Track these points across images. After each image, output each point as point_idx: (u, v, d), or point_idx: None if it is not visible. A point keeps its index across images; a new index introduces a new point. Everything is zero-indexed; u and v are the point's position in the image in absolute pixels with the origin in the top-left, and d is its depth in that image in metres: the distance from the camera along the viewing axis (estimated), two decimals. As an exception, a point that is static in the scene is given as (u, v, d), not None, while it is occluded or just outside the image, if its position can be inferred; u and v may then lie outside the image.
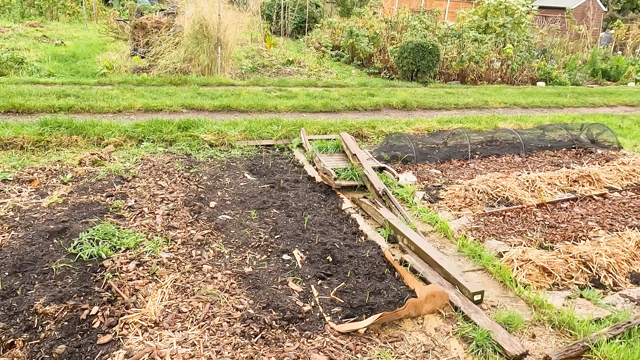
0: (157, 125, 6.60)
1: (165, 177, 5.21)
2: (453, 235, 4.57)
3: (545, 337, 3.25)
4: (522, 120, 8.74)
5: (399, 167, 6.27)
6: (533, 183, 5.69)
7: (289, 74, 11.96)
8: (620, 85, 14.85)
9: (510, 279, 3.84)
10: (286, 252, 4.01)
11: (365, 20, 16.48)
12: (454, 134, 7.35)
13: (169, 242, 3.91)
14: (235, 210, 4.67)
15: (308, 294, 3.47)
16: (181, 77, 9.71)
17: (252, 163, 6.02)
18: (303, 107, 8.48)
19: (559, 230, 4.81)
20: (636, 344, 3.14)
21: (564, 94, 11.87)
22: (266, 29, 16.73)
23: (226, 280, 3.52)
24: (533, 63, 14.13)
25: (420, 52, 11.71)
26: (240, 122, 7.10)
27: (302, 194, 5.19)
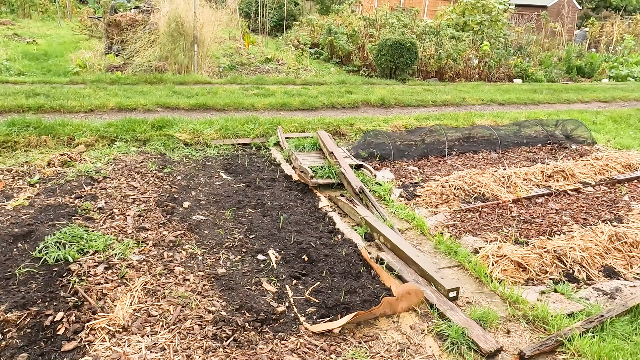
0: (131, 124, 6.45)
1: (137, 177, 5.09)
2: (430, 232, 4.56)
3: (519, 332, 3.26)
4: (498, 116, 8.82)
5: (376, 164, 6.25)
6: (509, 179, 5.73)
7: (267, 72, 11.86)
8: (594, 82, 15.12)
9: (485, 274, 3.85)
10: (261, 252, 3.95)
11: (344, 18, 16.47)
12: (431, 130, 7.37)
13: (139, 244, 3.81)
14: (210, 210, 4.58)
15: (282, 295, 3.42)
16: (156, 76, 9.54)
17: (228, 162, 5.93)
18: (281, 105, 8.40)
19: (534, 225, 4.85)
20: (609, 338, 3.16)
21: (540, 90, 12.03)
22: (244, 27, 16.59)
23: (198, 282, 3.44)
24: (510, 60, 14.30)
25: (398, 50, 11.73)
26: (217, 121, 6.99)
27: (279, 193, 5.13)
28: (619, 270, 4.13)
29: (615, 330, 3.26)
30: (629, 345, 3.13)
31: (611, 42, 20.48)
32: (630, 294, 3.77)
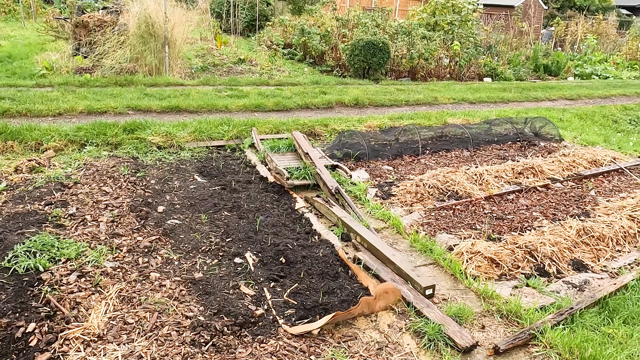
0: (101, 128, 6.32)
1: (109, 182, 4.99)
2: (405, 231, 4.63)
3: (494, 327, 3.34)
4: (470, 115, 8.99)
5: (351, 164, 6.29)
6: (481, 176, 5.85)
7: (241, 72, 11.79)
8: (560, 80, 15.56)
9: (460, 271, 3.92)
10: (238, 255, 3.93)
11: (317, 18, 16.49)
12: (405, 130, 7.46)
13: (113, 250, 3.74)
14: (185, 214, 4.53)
15: (261, 297, 3.41)
16: (127, 78, 9.36)
17: (203, 165, 5.87)
18: (255, 107, 8.37)
19: (506, 221, 4.96)
20: (578, 329, 3.27)
21: (509, 89, 12.31)
22: (216, 28, 16.44)
23: (175, 288, 3.41)
24: (480, 59, 14.57)
25: (371, 50, 11.83)
26: (190, 123, 6.91)
27: (255, 195, 5.11)
28: (587, 263, 4.28)
29: (584, 321, 3.38)
30: (598, 335, 3.24)
31: (576, 41, 21.10)
32: (598, 285, 3.91)
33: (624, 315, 3.47)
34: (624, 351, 3.06)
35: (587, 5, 33.77)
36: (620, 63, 18.85)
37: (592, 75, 16.57)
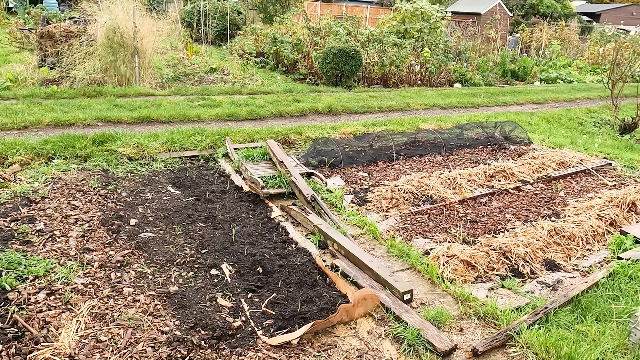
0: (69, 140, 6.15)
1: (79, 196, 4.86)
2: (382, 237, 4.64)
3: (472, 329, 3.36)
4: (441, 120, 9.12)
5: (326, 171, 6.30)
6: (454, 180, 5.93)
7: (213, 82, 11.69)
8: (527, 85, 15.98)
9: (437, 275, 3.95)
10: (214, 267, 3.87)
11: (288, 27, 16.53)
12: (379, 136, 7.52)
13: (84, 266, 3.63)
14: (159, 226, 4.44)
15: (238, 309, 3.36)
16: (96, 89, 9.17)
17: (176, 176, 5.78)
18: (228, 116, 8.30)
19: (480, 224, 5.04)
20: (553, 328, 3.33)
21: (479, 94, 12.57)
22: (187, 37, 16.28)
23: (150, 302, 3.32)
24: (449, 66, 14.85)
25: (343, 58, 11.91)
26: (162, 134, 6.80)
27: (230, 205, 5.05)
28: (559, 262, 4.37)
29: (559, 320, 3.44)
30: (572, 333, 3.31)
31: (541, 46, 21.74)
32: (570, 284, 3.99)
33: (596, 313, 3.55)
34: (597, 348, 3.12)
35: (550, 12, 34.90)
36: (584, 67, 19.50)
37: (558, 80, 17.09)
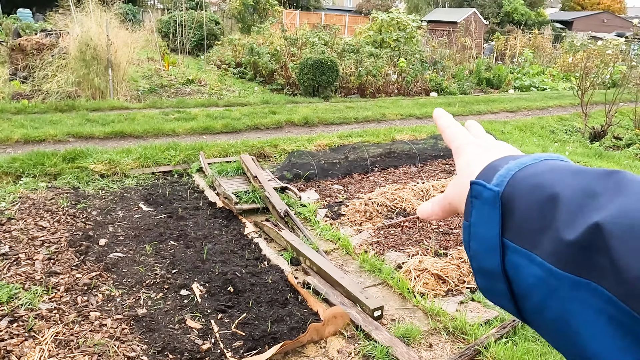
0: (39, 157, 6.05)
1: (47, 216, 4.77)
2: (355, 251, 4.66)
3: (441, 345, 3.39)
4: (416, 130, 9.23)
5: (301, 185, 6.31)
6: (427, 192, 6.00)
7: (189, 93, 11.63)
8: (502, 93, 16.28)
9: (408, 290, 3.98)
10: (184, 287, 3.83)
11: (266, 37, 16.57)
12: (354, 148, 7.56)
13: (49, 290, 3.56)
14: (129, 246, 4.39)
15: (208, 330, 3.33)
16: (68, 103, 9.04)
17: (148, 192, 5.72)
18: (203, 129, 8.26)
19: (452, 235, 5.10)
20: (521, 341, 3.38)
21: (454, 103, 12.75)
22: (164, 48, 16.19)
23: (117, 326, 3.27)
24: (426, 75, 15.05)
25: (319, 68, 11.98)
26: (135, 149, 6.73)
27: (202, 222, 5.02)
28: (528, 273, 4.44)
29: (526, 333, 3.49)
30: (539, 345, 3.36)
31: (515, 54, 22.20)
32: (539, 296, 4.06)
33: (562, 324, 3.61)
34: None
35: (524, 20, 35.71)
36: (556, 75, 19.96)
37: (531, 88, 17.45)
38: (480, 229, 0.45)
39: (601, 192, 0.39)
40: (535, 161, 0.46)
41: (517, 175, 0.45)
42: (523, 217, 0.42)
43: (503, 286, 0.44)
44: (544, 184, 0.42)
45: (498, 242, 0.43)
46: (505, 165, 0.46)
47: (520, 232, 0.42)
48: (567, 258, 0.38)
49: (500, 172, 0.46)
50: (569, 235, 0.38)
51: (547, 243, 0.40)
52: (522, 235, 0.42)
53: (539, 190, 0.42)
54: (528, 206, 0.42)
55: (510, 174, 0.45)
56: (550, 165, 0.45)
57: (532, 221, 0.42)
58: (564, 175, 0.42)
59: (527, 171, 0.45)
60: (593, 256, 0.36)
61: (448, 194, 0.55)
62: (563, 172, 0.43)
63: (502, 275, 0.43)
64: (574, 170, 0.43)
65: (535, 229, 0.41)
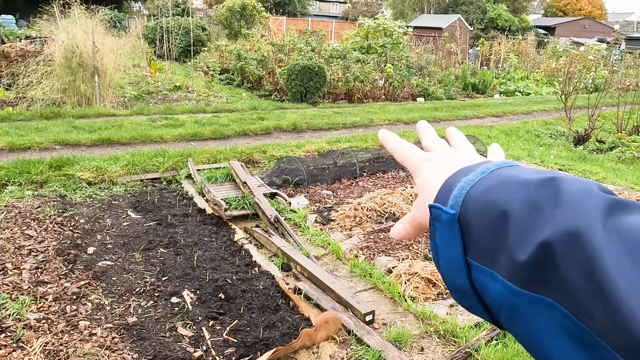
0: (24, 165, 5.97)
1: (34, 224, 4.71)
2: (345, 256, 4.67)
3: (432, 348, 3.42)
4: (404, 135, 9.29)
5: (291, 191, 6.31)
6: (416, 196, 6.04)
7: (176, 100, 11.59)
8: (487, 98, 16.48)
9: (399, 294, 4.00)
10: (175, 295, 3.81)
11: (253, 43, 16.59)
12: (343, 153, 7.60)
13: (37, 300, 3.52)
14: (118, 254, 4.35)
15: (199, 338, 3.32)
16: (54, 110, 8.95)
17: (137, 199, 5.68)
18: (191, 136, 8.23)
19: (441, 240, 5.14)
20: (510, 343, 3.42)
21: (440, 108, 12.88)
22: (150, 54, 16.12)
23: (107, 335, 3.24)
24: (412, 80, 15.18)
25: (307, 74, 12.02)
26: (123, 156, 6.69)
27: (192, 229, 5.00)
28: (517, 276, 4.50)
29: (515, 335, 3.53)
30: (528, 347, 3.40)
31: (500, 60, 22.51)
32: (527, 298, 4.11)
33: (551, 326, 3.66)
34: (552, 361, 3.22)
35: (508, 25, 36.26)
36: (540, 80, 20.27)
37: (516, 92, 17.69)
38: (445, 251, 0.47)
39: (544, 202, 0.41)
40: (483, 174, 0.47)
41: (470, 193, 0.46)
42: (480, 236, 0.44)
43: (475, 301, 0.45)
44: (494, 201, 0.44)
45: (463, 262, 0.45)
46: (459, 184, 0.47)
47: (480, 251, 0.44)
48: (523, 276, 0.40)
49: (454, 192, 0.47)
50: (521, 255, 0.40)
51: (504, 261, 0.41)
52: (482, 254, 0.44)
53: (490, 209, 0.43)
54: (482, 226, 0.44)
55: (463, 193, 0.46)
56: (499, 177, 0.46)
57: (488, 240, 0.43)
58: (511, 189, 0.43)
59: (479, 188, 0.46)
60: (545, 274, 0.38)
61: (414, 214, 0.56)
62: (510, 184, 0.44)
63: (472, 291, 0.45)
64: (519, 182, 0.44)
65: (492, 247, 0.43)
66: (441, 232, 0.47)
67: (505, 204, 0.42)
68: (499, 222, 0.42)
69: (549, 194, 0.41)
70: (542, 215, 0.40)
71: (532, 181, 0.43)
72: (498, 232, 0.42)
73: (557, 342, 0.38)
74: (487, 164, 0.49)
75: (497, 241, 0.42)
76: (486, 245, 0.43)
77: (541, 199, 0.41)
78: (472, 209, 0.45)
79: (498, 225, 0.42)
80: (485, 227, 0.43)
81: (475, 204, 0.45)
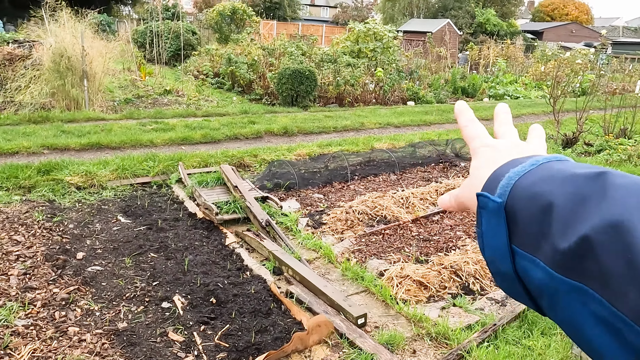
0: (12, 170, 5.90)
1: (22, 230, 4.65)
2: (337, 260, 4.67)
3: (424, 350, 3.42)
4: (395, 139, 9.33)
5: (282, 194, 6.30)
6: (407, 200, 6.07)
7: (167, 104, 11.53)
8: (477, 101, 16.61)
9: (391, 297, 4.01)
10: (166, 300, 3.78)
11: (244, 47, 16.58)
12: (334, 157, 7.60)
13: (25, 306, 3.47)
14: (108, 259, 4.31)
15: (190, 343, 3.29)
16: (42, 114, 8.86)
17: (127, 204, 5.63)
18: (182, 140, 8.19)
19: (432, 242, 5.16)
20: (502, 344, 3.43)
21: (431, 112, 12.95)
22: (140, 58, 16.04)
23: (96, 341, 3.20)
24: (403, 84, 15.26)
25: (298, 78, 12.04)
26: (112, 160, 6.63)
27: (183, 233, 4.97)
28: (507, 278, 4.52)
29: (507, 336, 3.55)
30: (519, 348, 3.42)
31: (488, 64, 22.71)
32: (518, 299, 4.13)
33: (542, 327, 3.69)
34: (543, 362, 3.24)
35: (497, 30, 36.62)
36: (529, 84, 20.48)
37: (505, 96, 17.84)
38: (491, 238, 0.49)
39: (589, 196, 0.42)
40: (533, 166, 0.49)
41: (517, 184, 0.48)
42: (525, 225, 0.46)
43: (519, 287, 0.48)
44: (540, 193, 0.46)
45: (507, 249, 0.47)
46: (507, 174, 0.50)
47: (524, 239, 0.46)
48: (563, 264, 0.42)
49: (502, 182, 0.49)
50: (562, 244, 0.42)
51: (547, 249, 0.44)
52: (526, 242, 0.46)
53: (536, 200, 0.46)
54: (528, 216, 0.46)
55: (511, 183, 0.48)
56: (547, 170, 0.48)
57: (533, 229, 0.45)
58: (558, 182, 0.46)
59: (526, 180, 0.48)
60: (584, 263, 0.40)
61: (460, 192, 0.60)
62: (557, 178, 0.46)
63: (516, 277, 0.47)
64: (567, 175, 0.46)
65: (536, 236, 0.45)
66: (488, 219, 0.49)
67: (551, 197, 0.45)
68: (544, 213, 0.45)
69: (596, 188, 0.43)
70: (587, 208, 0.42)
71: (580, 175, 0.45)
72: (542, 222, 0.44)
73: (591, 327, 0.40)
74: (536, 157, 0.51)
75: (541, 231, 0.44)
76: (530, 233, 0.45)
77: (588, 192, 0.43)
78: (519, 199, 0.47)
79: (543, 216, 0.45)
80: (531, 217, 0.46)
81: (522, 195, 0.47)
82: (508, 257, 0.47)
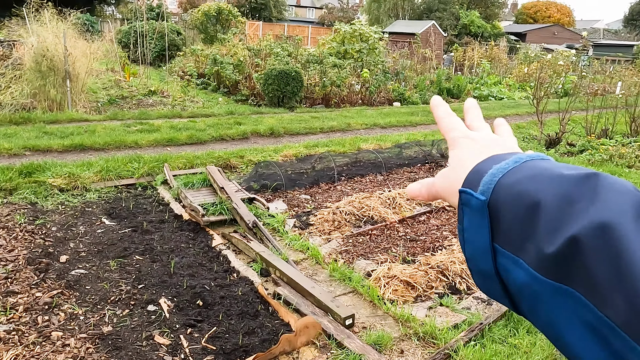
0: (-7, 172, 5.79)
1: (3, 233, 4.56)
2: (324, 260, 4.67)
3: (412, 350, 3.44)
4: (381, 140, 9.37)
5: (269, 195, 6.28)
6: (394, 200, 6.09)
7: (152, 105, 11.42)
8: (462, 103, 16.70)
9: (378, 297, 4.01)
10: (151, 303, 3.73)
11: (229, 48, 16.50)
12: (321, 158, 7.60)
13: (7, 311, 3.40)
14: (92, 262, 4.24)
15: (177, 346, 3.26)
16: (24, 115, 8.71)
17: (111, 206, 5.56)
18: (167, 141, 8.12)
19: (419, 242, 5.19)
20: (489, 343, 3.46)
21: (417, 112, 13.03)
22: (124, 58, 15.87)
23: (81, 346, 3.15)
24: (388, 85, 15.33)
25: (284, 79, 12.02)
26: (96, 162, 6.54)
27: (169, 235, 4.92)
28: (493, 277, 4.56)
29: (493, 335, 3.58)
30: (506, 347, 3.45)
31: (473, 65, 22.93)
32: (504, 298, 4.17)
33: (527, 325, 3.73)
34: (529, 360, 3.28)
35: (481, 32, 37.01)
36: (513, 85, 20.73)
37: (489, 97, 18.04)
38: (473, 235, 0.48)
39: (578, 198, 0.41)
40: (516, 164, 0.48)
41: (501, 182, 0.47)
42: (509, 224, 0.45)
43: (498, 287, 0.46)
44: (526, 192, 0.44)
45: (489, 248, 0.46)
46: (490, 171, 0.48)
47: (507, 238, 0.45)
48: (548, 266, 0.41)
49: (485, 179, 0.48)
50: (549, 246, 0.41)
51: (531, 250, 0.42)
52: (509, 241, 0.45)
53: (521, 199, 0.44)
54: (513, 215, 0.45)
55: (494, 180, 0.47)
56: (532, 169, 0.47)
57: (518, 229, 0.44)
58: (545, 182, 0.44)
59: (510, 178, 0.47)
60: (571, 266, 0.39)
61: (437, 182, 0.57)
62: (544, 177, 0.45)
63: (496, 277, 0.46)
64: (554, 175, 0.44)
65: (520, 236, 0.44)
66: (470, 217, 0.48)
67: (537, 196, 0.43)
68: (529, 212, 0.43)
69: (586, 190, 0.42)
70: (575, 210, 0.41)
71: (569, 176, 0.44)
72: (528, 222, 0.43)
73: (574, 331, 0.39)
74: (519, 154, 0.49)
75: (526, 230, 0.43)
76: (514, 233, 0.44)
77: (577, 194, 0.42)
78: (503, 198, 0.46)
79: (528, 216, 0.43)
80: (515, 216, 0.44)
81: (506, 193, 0.46)
82: (489, 256, 0.46)
